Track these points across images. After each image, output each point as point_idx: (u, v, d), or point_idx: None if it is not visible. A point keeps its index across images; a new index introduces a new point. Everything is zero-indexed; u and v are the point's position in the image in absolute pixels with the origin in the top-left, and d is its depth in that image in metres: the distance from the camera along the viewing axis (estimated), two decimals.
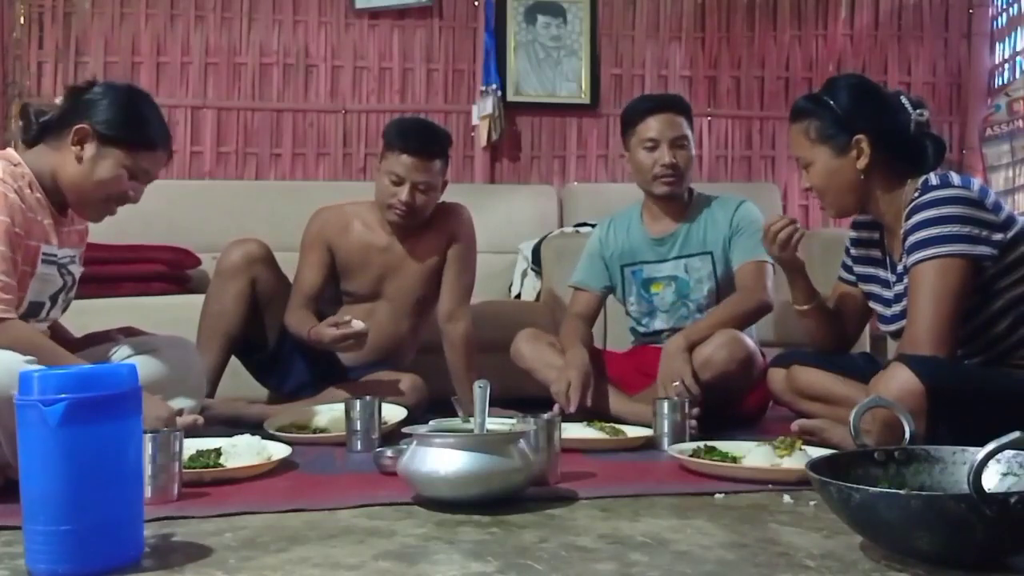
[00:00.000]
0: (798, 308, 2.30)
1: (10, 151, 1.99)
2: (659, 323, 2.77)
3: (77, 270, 2.12)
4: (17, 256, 1.86)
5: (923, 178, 2.02)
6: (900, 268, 2.06)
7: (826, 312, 2.29)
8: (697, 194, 2.82)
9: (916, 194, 1.99)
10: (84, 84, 2.08)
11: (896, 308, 2.09)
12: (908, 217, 1.98)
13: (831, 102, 2.07)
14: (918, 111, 2.06)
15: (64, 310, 2.12)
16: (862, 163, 2.05)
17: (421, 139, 2.71)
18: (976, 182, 2.02)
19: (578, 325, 2.74)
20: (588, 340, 2.72)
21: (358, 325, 2.46)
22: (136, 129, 2.01)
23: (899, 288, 2.08)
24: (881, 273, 2.17)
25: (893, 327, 2.11)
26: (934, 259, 1.90)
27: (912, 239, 1.95)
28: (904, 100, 2.08)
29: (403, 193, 2.68)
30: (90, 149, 1.97)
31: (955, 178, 1.99)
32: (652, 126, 2.69)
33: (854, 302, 2.30)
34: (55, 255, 2.01)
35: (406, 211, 2.70)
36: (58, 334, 2.14)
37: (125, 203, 2.06)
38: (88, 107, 2.00)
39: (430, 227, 2.81)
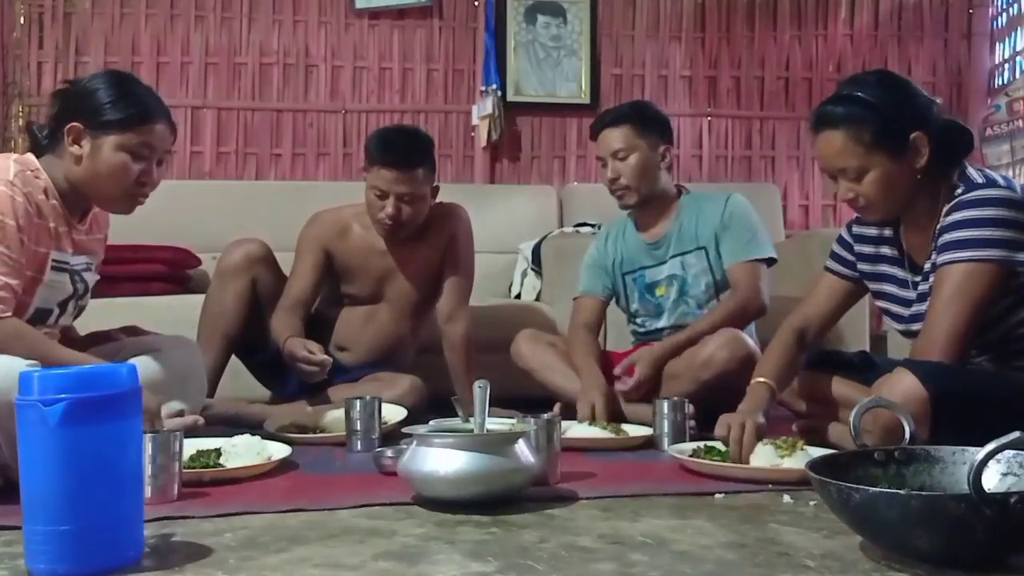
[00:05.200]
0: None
1: (29, 157, 1.96)
2: (661, 322, 2.77)
3: (92, 278, 2.10)
4: (22, 259, 1.84)
5: (961, 172, 1.93)
6: (928, 266, 1.97)
7: (789, 375, 2.18)
8: (685, 193, 2.82)
9: (959, 191, 1.90)
10: (65, 84, 2.06)
11: (920, 307, 1.99)
12: (948, 213, 1.89)
13: (873, 101, 1.90)
14: (933, 98, 2.00)
15: (76, 316, 2.11)
16: (921, 162, 1.90)
17: (400, 151, 2.66)
18: (1018, 183, 1.94)
19: (587, 338, 2.72)
20: (598, 354, 2.71)
21: (325, 358, 2.48)
22: (122, 108, 1.94)
23: (924, 287, 1.99)
24: (899, 272, 2.08)
25: (915, 326, 2.01)
26: (966, 262, 1.83)
27: (947, 237, 1.87)
28: (919, 88, 2.00)
29: (388, 207, 2.65)
30: (87, 144, 1.93)
31: (999, 178, 1.91)
32: (599, 145, 2.75)
33: (838, 297, 2.21)
34: (67, 262, 1.99)
35: (393, 224, 2.68)
36: (65, 334, 2.14)
37: (146, 188, 2.00)
38: (74, 104, 1.97)
39: (428, 229, 2.80)
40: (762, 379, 2.08)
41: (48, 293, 1.96)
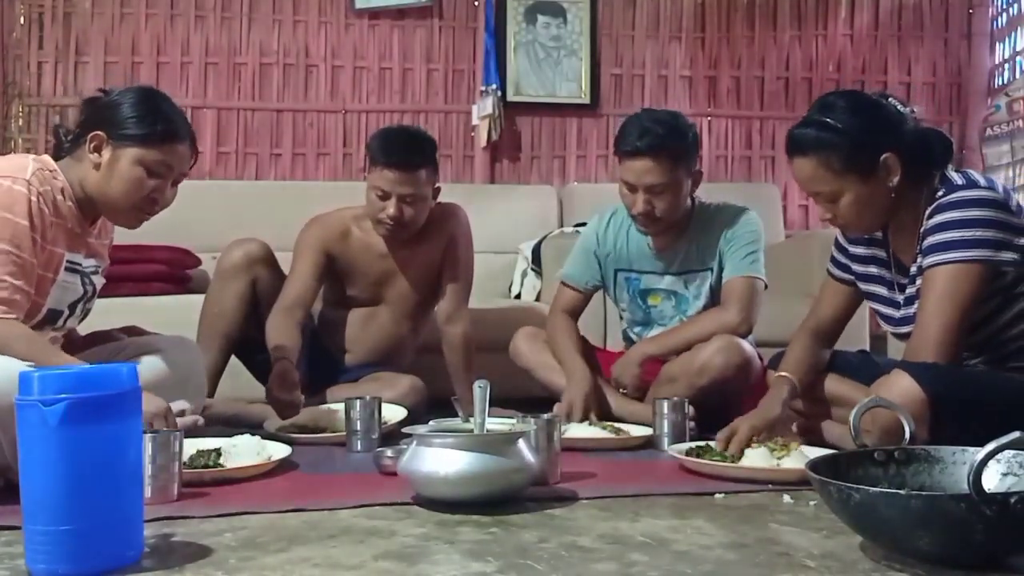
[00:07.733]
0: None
1: (46, 158, 1.98)
2: (650, 332, 2.71)
3: (99, 281, 2.11)
4: (33, 259, 1.85)
5: (943, 175, 1.94)
6: (914, 269, 1.99)
7: (813, 368, 2.20)
8: (699, 204, 2.68)
9: (940, 193, 1.91)
10: (98, 92, 2.08)
11: (908, 311, 2.01)
12: (930, 216, 1.90)
13: (841, 126, 1.91)
14: (908, 109, 1.99)
15: (81, 320, 2.12)
16: (893, 180, 1.92)
17: (403, 152, 2.65)
18: (1000, 183, 1.95)
19: (568, 325, 2.69)
20: (580, 343, 2.68)
21: (298, 399, 2.42)
22: (147, 124, 1.96)
23: (911, 291, 2.00)
24: (887, 274, 2.10)
25: (904, 329, 2.03)
26: (952, 264, 1.84)
27: (931, 240, 1.88)
28: (894, 102, 2.00)
29: (390, 207, 2.65)
30: (107, 153, 1.95)
31: (980, 178, 1.92)
32: (629, 170, 2.50)
33: (844, 300, 2.23)
34: (80, 263, 2.00)
35: (395, 225, 2.67)
36: (66, 336, 2.14)
37: (156, 205, 2.02)
38: (101, 113, 1.99)
39: (428, 229, 2.79)
40: (782, 373, 2.13)
41: (60, 294, 1.97)
